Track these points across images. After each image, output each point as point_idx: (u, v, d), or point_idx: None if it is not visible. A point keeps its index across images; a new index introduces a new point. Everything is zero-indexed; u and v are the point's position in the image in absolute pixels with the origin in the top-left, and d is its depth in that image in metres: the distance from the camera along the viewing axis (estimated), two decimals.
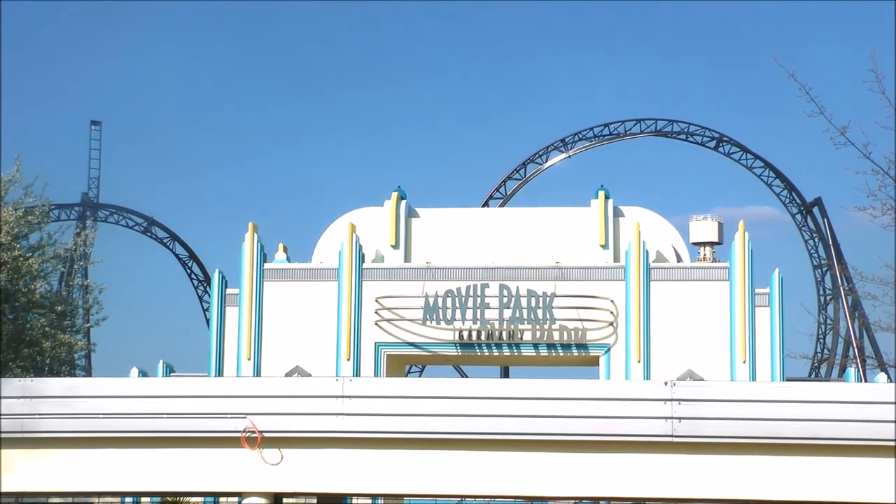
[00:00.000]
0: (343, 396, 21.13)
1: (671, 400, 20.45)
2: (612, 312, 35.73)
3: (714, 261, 43.43)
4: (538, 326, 35.89)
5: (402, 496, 24.09)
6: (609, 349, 35.75)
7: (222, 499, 27.21)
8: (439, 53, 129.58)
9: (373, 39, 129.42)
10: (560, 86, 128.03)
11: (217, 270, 37.47)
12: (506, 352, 36.33)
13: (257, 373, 36.15)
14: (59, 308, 40.31)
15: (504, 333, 35.97)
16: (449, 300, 36.17)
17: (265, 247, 37.28)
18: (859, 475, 20.19)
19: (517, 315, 35.95)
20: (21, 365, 38.15)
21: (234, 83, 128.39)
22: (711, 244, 53.88)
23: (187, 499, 30.44)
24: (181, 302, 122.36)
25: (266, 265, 37.10)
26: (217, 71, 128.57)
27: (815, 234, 65.75)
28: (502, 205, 61.37)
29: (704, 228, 53.06)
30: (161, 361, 37.17)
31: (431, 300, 36.18)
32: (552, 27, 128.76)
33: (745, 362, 34.96)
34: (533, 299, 35.93)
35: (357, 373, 35.71)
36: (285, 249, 38.39)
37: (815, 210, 65.70)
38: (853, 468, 20.20)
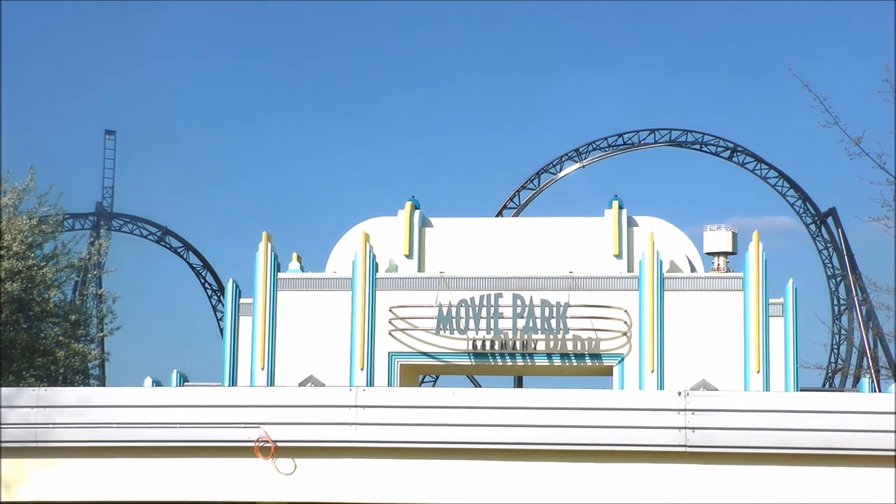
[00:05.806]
0: (356, 406, 21.17)
1: (685, 410, 20.44)
2: (625, 322, 35.68)
3: (728, 271, 43.19)
4: (552, 336, 35.86)
5: None
6: (623, 359, 35.70)
7: None
8: (453, 63, 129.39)
9: (386, 49, 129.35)
10: (574, 95, 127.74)
11: (231, 280, 37.53)
12: (519, 361, 36.29)
13: (271, 382, 36.16)
14: (73, 317, 40.35)
15: (517, 343, 35.94)
16: (462, 310, 36.16)
17: (279, 256, 37.30)
18: (872, 485, 20.14)
19: (531, 325, 35.92)
20: (35, 374, 38.20)
21: (248, 93, 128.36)
22: (725, 254, 53.70)
23: None
24: (195, 311, 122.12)
25: (280, 275, 37.11)
26: (231, 80, 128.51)
27: (829, 245, 65.58)
28: (516, 214, 61.34)
29: (718, 238, 52.85)
30: (175, 371, 37.20)
31: (445, 310, 36.17)
32: (565, 37, 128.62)
33: (758, 372, 34.88)
34: (546, 309, 35.91)
35: (370, 382, 35.70)
36: (299, 259, 38.40)
37: (830, 220, 65.53)
38: (865, 478, 20.15)
